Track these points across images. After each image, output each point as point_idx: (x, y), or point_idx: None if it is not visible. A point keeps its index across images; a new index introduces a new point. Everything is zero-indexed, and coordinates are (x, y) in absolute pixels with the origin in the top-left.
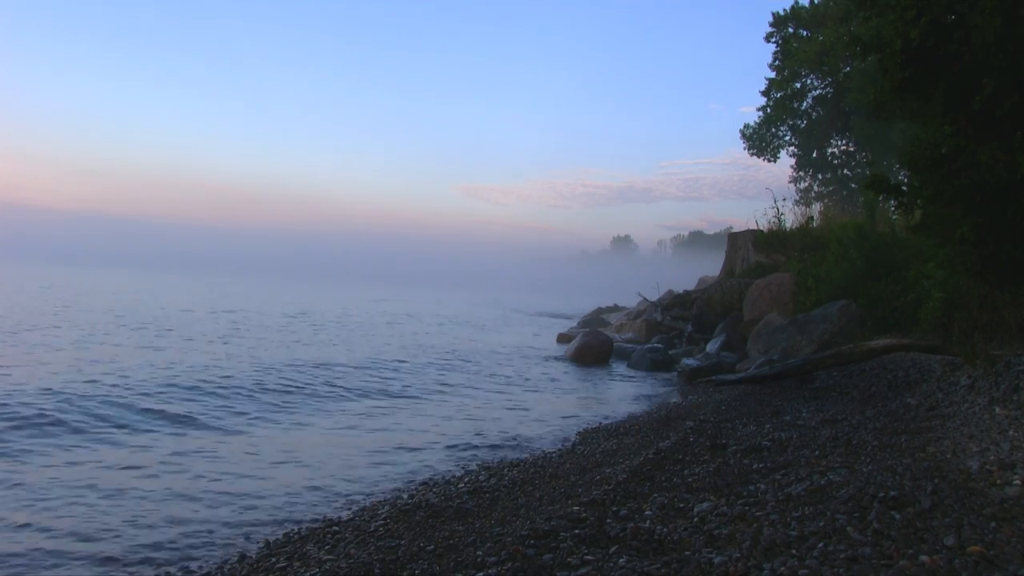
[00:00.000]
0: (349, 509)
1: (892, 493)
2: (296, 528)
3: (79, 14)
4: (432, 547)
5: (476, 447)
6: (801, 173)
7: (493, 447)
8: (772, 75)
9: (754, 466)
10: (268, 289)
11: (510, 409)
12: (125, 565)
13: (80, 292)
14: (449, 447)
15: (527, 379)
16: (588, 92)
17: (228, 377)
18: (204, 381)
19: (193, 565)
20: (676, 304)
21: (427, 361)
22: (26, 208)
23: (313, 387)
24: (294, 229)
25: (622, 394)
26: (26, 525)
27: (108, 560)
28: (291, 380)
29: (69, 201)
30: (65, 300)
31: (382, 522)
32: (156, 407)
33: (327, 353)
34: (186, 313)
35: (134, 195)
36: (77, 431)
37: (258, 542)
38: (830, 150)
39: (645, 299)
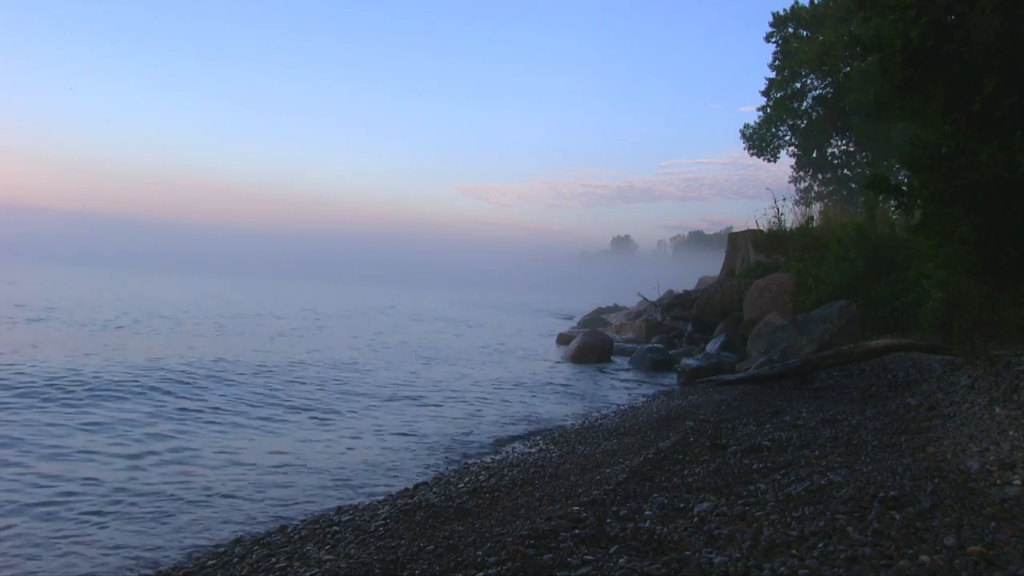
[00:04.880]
0: (349, 509)
1: (892, 493)
2: (296, 528)
3: (79, 14)
4: (432, 547)
5: (474, 447)
6: (801, 173)
7: (491, 447)
8: (772, 75)
9: (754, 466)
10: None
11: (508, 410)
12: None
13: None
14: (446, 447)
15: (525, 379)
16: (588, 92)
17: (238, 369)
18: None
19: (192, 565)
20: (676, 304)
21: (424, 358)
22: (26, 208)
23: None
24: (293, 229)
25: (622, 394)
26: None
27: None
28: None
29: (69, 201)
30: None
31: (382, 522)
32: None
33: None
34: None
35: (134, 195)
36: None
37: (257, 541)
38: (830, 150)
39: (645, 299)
